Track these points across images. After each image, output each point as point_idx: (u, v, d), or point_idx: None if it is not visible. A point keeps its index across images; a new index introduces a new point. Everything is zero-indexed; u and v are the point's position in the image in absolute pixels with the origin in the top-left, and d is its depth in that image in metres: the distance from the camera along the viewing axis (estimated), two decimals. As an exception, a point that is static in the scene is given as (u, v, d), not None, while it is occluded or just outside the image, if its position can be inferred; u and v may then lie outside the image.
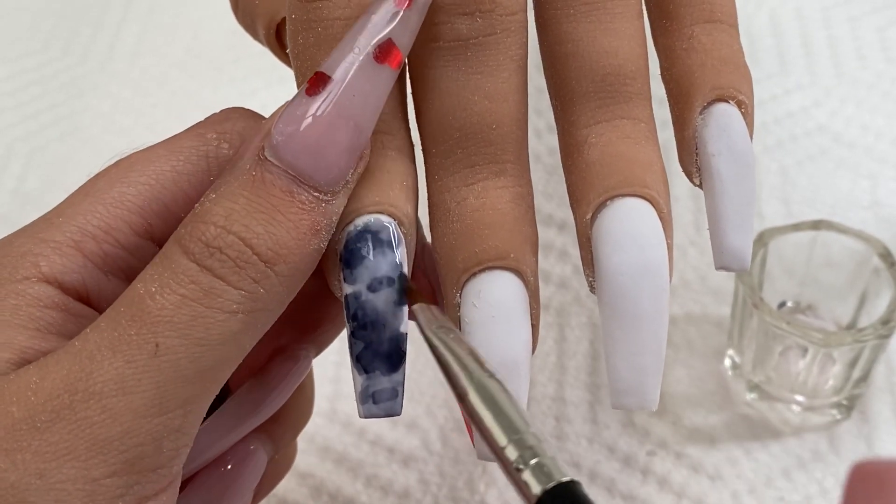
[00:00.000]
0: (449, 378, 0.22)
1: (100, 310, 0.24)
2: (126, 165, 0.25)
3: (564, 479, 0.19)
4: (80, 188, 0.25)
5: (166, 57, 0.61)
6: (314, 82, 0.23)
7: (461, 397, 0.22)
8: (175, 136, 0.26)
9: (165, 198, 0.25)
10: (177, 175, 0.25)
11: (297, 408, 0.30)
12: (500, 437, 0.20)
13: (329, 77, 0.23)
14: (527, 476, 0.20)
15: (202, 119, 0.26)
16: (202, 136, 0.26)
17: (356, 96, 0.23)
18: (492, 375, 0.22)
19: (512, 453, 0.20)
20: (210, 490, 0.26)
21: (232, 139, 0.26)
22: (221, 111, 0.27)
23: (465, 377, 0.22)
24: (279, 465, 0.31)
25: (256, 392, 0.28)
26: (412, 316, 0.24)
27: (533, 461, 0.20)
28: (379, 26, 0.23)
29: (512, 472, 0.20)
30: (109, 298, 0.24)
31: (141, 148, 0.26)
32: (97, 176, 0.25)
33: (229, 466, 0.28)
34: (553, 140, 0.51)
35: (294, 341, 0.29)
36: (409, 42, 0.24)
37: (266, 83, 0.58)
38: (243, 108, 0.27)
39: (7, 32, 0.63)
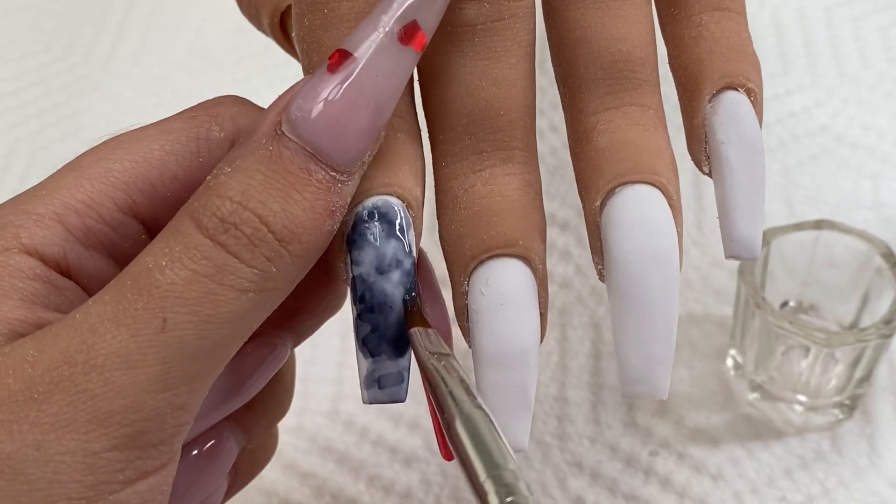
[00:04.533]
0: (438, 405, 0.22)
1: (81, 285, 0.24)
2: (114, 143, 0.25)
3: None
4: (66, 164, 0.25)
5: (169, 57, 0.61)
6: (336, 60, 0.23)
7: (447, 425, 0.22)
8: (166, 118, 0.26)
9: (152, 176, 0.25)
10: (165, 154, 0.25)
11: (273, 398, 0.30)
12: (480, 472, 0.20)
13: (351, 55, 0.23)
14: None
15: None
16: (193, 118, 0.25)
17: (378, 76, 0.23)
18: (480, 406, 0.22)
19: (490, 489, 0.20)
20: (175, 478, 0.26)
21: (223, 122, 0.25)
22: (214, 98, 0.26)
23: (452, 405, 0.22)
24: (257, 455, 0.31)
25: (229, 379, 0.27)
26: (408, 338, 0.24)
27: (509, 499, 0.20)
28: (404, 6, 0.23)
29: None
30: (91, 274, 0.24)
31: (129, 129, 0.26)
32: (85, 153, 0.25)
33: (195, 453, 0.27)
34: (555, 140, 0.51)
35: (271, 328, 0.28)
36: (434, 24, 0.24)
37: (269, 83, 0.58)
38: (235, 95, 0.26)
39: (9, 33, 0.63)
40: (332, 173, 0.23)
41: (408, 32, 0.23)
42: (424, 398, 0.42)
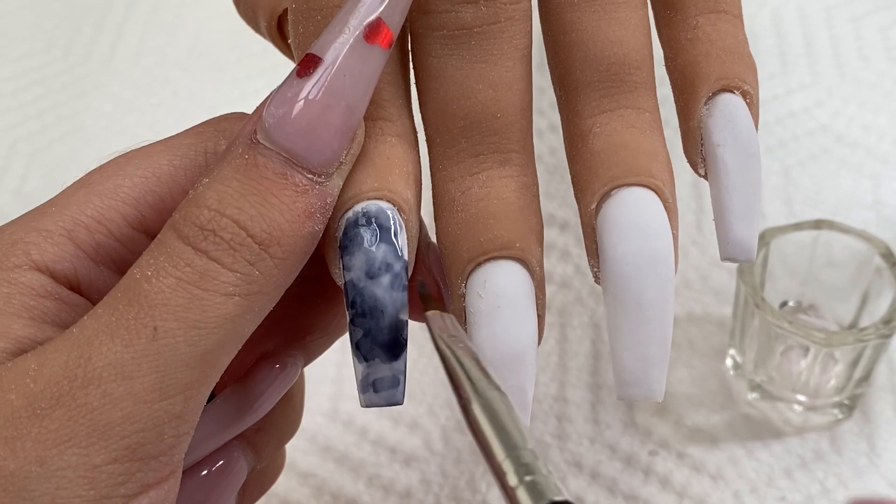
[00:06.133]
0: (455, 388, 0.22)
1: (92, 300, 0.24)
2: (123, 160, 0.25)
3: (557, 498, 0.19)
4: (76, 181, 0.25)
5: (168, 57, 0.61)
6: (305, 64, 0.23)
7: (464, 407, 0.22)
8: (174, 135, 0.26)
9: (161, 191, 0.25)
10: (173, 169, 0.25)
11: (283, 418, 0.30)
12: (498, 451, 0.20)
13: (319, 58, 0.23)
14: (521, 493, 0.20)
15: (204, 119, 0.26)
16: (201, 133, 0.26)
17: (347, 77, 0.23)
18: (497, 388, 0.22)
19: (508, 468, 0.20)
20: (185, 497, 0.26)
21: (230, 136, 0.25)
22: (221, 114, 0.27)
23: (469, 388, 0.22)
24: (264, 474, 0.31)
25: (239, 398, 0.27)
26: (425, 322, 0.24)
27: (528, 478, 0.20)
28: (368, 6, 0.23)
29: (507, 488, 0.20)
30: (101, 289, 0.24)
31: (139, 146, 0.26)
32: (94, 169, 0.25)
33: (204, 473, 0.27)
34: (554, 139, 0.51)
35: (281, 347, 0.28)
36: (400, 21, 0.24)
37: (268, 83, 0.58)
38: (242, 112, 0.27)
39: (9, 32, 0.63)
40: (310, 176, 0.23)
41: (373, 31, 0.23)
42: (424, 398, 0.42)
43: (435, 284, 0.26)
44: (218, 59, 0.60)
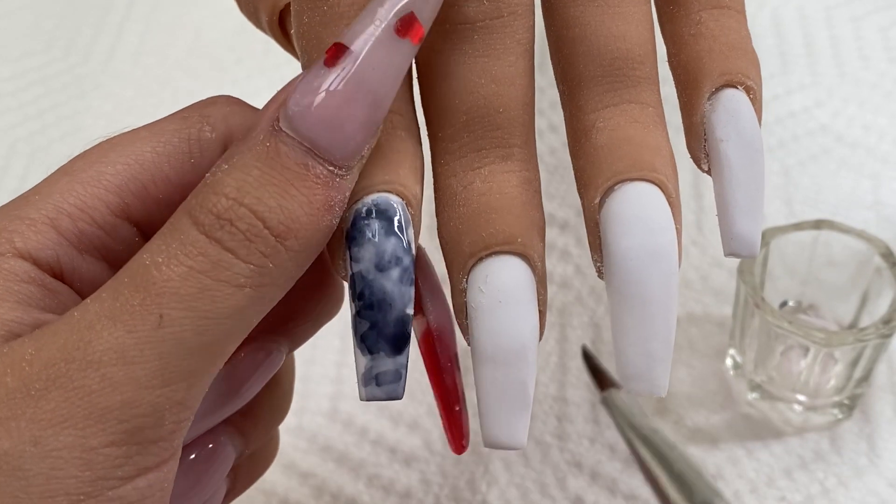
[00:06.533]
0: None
1: (75, 288, 0.24)
2: (107, 146, 0.25)
3: None
4: (59, 168, 0.25)
5: (168, 57, 0.61)
6: (333, 53, 0.23)
7: None
8: (158, 120, 0.26)
9: (144, 178, 0.25)
10: (157, 156, 0.25)
11: (271, 403, 0.29)
12: None
13: (348, 48, 0.23)
14: None
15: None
16: (185, 119, 0.25)
17: (375, 69, 0.23)
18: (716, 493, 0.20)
19: None
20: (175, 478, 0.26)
21: (215, 123, 0.25)
22: (206, 98, 0.26)
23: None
24: (257, 460, 0.31)
25: (223, 383, 0.27)
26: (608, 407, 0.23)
27: None
28: None
29: None
30: (84, 277, 0.24)
31: (123, 131, 0.26)
32: (77, 156, 0.25)
33: (193, 457, 0.27)
34: (554, 139, 0.51)
35: (265, 333, 0.28)
36: (432, 16, 0.23)
37: (269, 83, 0.58)
38: (228, 96, 0.26)
39: (9, 32, 0.63)
40: (331, 168, 0.23)
41: (405, 24, 0.23)
42: (423, 398, 0.42)
43: (418, 288, 0.26)
44: (218, 60, 0.60)
